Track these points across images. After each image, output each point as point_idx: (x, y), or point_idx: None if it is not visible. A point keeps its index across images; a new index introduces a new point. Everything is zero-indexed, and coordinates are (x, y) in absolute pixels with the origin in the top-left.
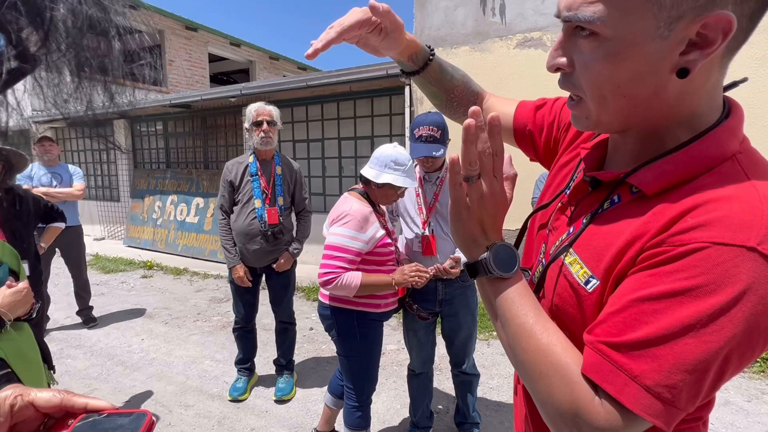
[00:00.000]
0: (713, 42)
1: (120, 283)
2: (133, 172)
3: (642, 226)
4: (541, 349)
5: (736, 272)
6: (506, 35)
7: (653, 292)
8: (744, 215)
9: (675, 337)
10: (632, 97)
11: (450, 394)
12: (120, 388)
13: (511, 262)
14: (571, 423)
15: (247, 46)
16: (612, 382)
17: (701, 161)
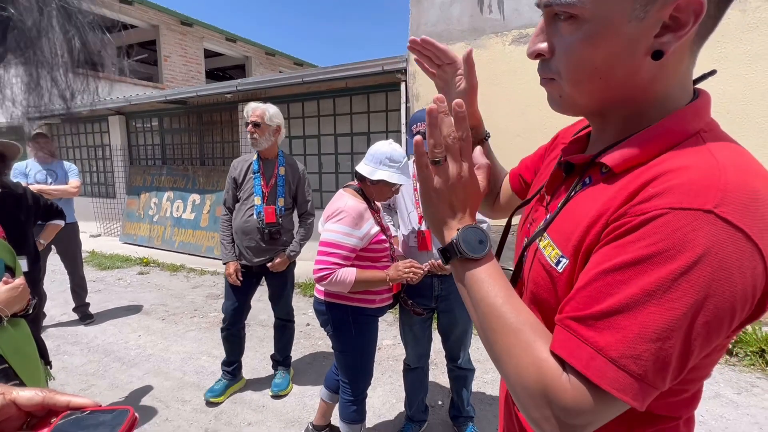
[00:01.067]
0: (686, 24)
1: (116, 279)
2: (129, 168)
3: (608, 201)
4: (509, 329)
5: (694, 236)
6: (502, 31)
7: (616, 263)
8: (702, 181)
9: (638, 306)
10: (608, 78)
11: (445, 388)
12: (117, 384)
13: (481, 244)
14: (540, 403)
15: (243, 41)
16: (578, 357)
17: (665, 137)
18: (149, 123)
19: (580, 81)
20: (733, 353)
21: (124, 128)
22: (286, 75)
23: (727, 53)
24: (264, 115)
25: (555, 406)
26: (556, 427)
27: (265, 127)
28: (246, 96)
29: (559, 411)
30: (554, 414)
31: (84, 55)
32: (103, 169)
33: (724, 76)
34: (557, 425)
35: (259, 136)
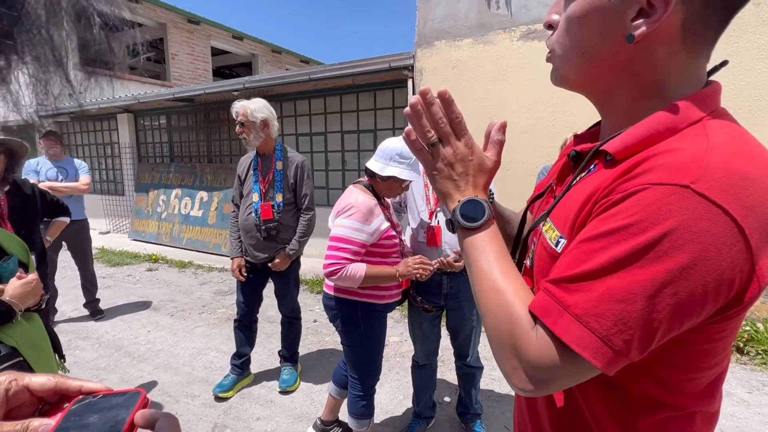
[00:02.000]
0: (658, 11)
1: (126, 276)
2: (138, 166)
3: (601, 182)
4: (493, 289)
5: (668, 209)
6: (510, 27)
7: (594, 233)
8: (686, 160)
9: (608, 272)
10: (589, 56)
11: (453, 384)
12: (127, 379)
13: (477, 215)
14: (510, 355)
15: (249, 39)
16: (549, 315)
17: (665, 124)
18: (157, 121)
19: (567, 54)
20: (744, 352)
21: (133, 126)
22: (293, 72)
23: (741, 47)
24: (247, 113)
25: (521, 357)
26: (524, 379)
27: (251, 125)
28: (253, 93)
29: (524, 363)
30: (521, 365)
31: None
32: (112, 166)
33: (737, 70)
34: (525, 377)
35: (247, 134)
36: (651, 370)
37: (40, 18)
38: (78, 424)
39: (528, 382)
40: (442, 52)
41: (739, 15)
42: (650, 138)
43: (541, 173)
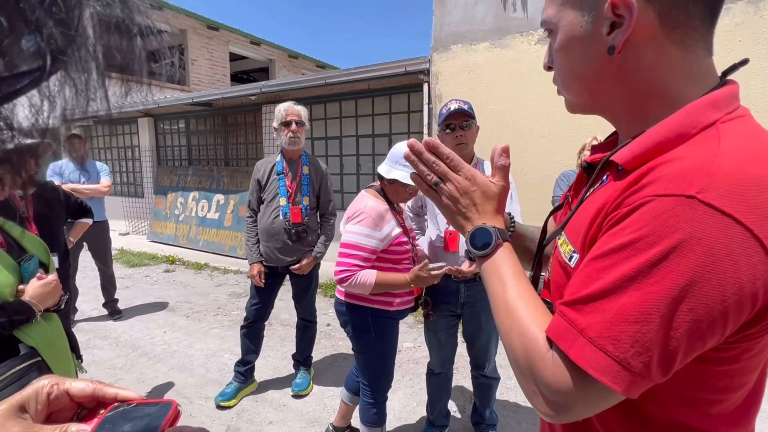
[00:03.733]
0: (627, 16)
1: (144, 276)
2: (157, 169)
3: (611, 195)
4: (507, 312)
5: (675, 221)
6: (527, 30)
7: (604, 250)
8: (692, 168)
9: (619, 290)
10: (583, 77)
11: (468, 392)
12: (143, 379)
13: (485, 242)
14: (528, 379)
15: (266, 44)
16: (564, 338)
17: (675, 130)
18: (176, 125)
19: (565, 83)
20: None
21: (153, 130)
22: (310, 77)
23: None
24: (301, 114)
25: (539, 381)
26: (543, 403)
27: (304, 128)
28: (270, 98)
29: (542, 386)
30: (539, 389)
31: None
32: (132, 169)
33: (765, 74)
34: (544, 401)
35: (300, 134)
36: (676, 392)
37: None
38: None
39: (547, 406)
40: (459, 56)
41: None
42: (660, 146)
43: (560, 179)
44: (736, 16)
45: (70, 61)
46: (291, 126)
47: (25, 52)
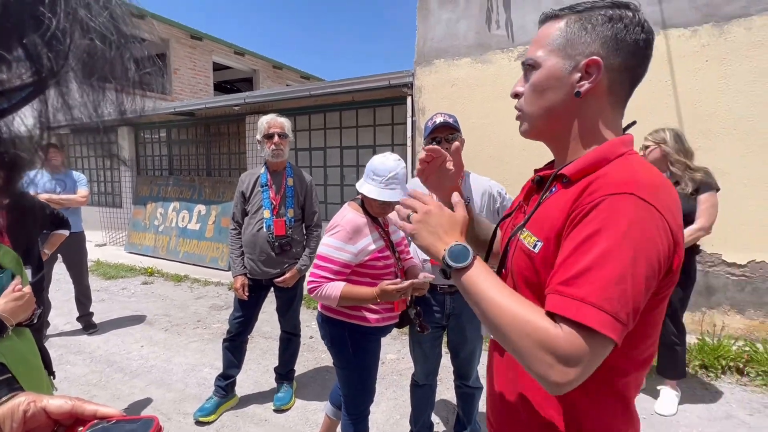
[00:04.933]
0: (594, 74)
1: (121, 289)
2: (136, 178)
3: (568, 200)
4: (502, 309)
5: (625, 210)
6: (508, 47)
7: (580, 239)
8: (625, 178)
9: (600, 264)
10: (553, 110)
11: (450, 404)
12: (119, 395)
13: (464, 255)
14: (543, 356)
15: (251, 55)
16: (568, 309)
17: (602, 155)
18: (157, 134)
19: (533, 110)
20: (744, 373)
21: (133, 139)
22: (294, 88)
23: (734, 70)
24: (284, 126)
25: (556, 353)
26: (562, 371)
27: (287, 140)
28: (254, 108)
29: (559, 357)
30: (557, 360)
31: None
32: (110, 179)
33: (730, 92)
34: (563, 369)
35: (284, 146)
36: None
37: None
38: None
39: (566, 373)
40: (441, 70)
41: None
42: (593, 165)
43: None
44: (703, 38)
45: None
46: (274, 138)
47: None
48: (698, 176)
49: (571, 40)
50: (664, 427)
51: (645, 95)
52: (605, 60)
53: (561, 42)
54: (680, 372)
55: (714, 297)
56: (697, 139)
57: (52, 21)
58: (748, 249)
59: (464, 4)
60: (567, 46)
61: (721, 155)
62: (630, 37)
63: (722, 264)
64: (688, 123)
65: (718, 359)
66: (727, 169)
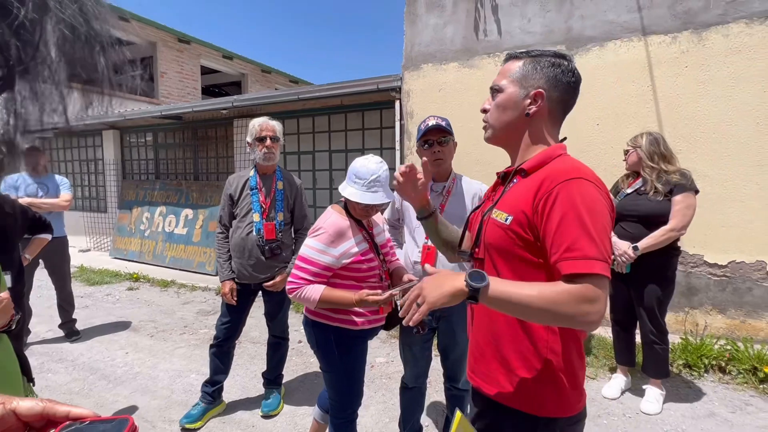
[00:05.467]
0: (538, 101)
1: (105, 295)
2: (122, 182)
3: (529, 189)
4: (539, 297)
5: (578, 189)
6: (494, 52)
7: (556, 221)
8: (566, 169)
9: (582, 231)
10: (510, 124)
11: (440, 406)
12: (102, 403)
13: (479, 274)
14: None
15: (239, 59)
16: (582, 267)
17: (548, 156)
18: (143, 138)
19: (497, 125)
20: (726, 371)
21: (118, 143)
22: (283, 92)
23: (712, 75)
24: (276, 129)
25: (588, 300)
26: (596, 311)
27: (279, 144)
28: (242, 112)
29: (591, 302)
30: (591, 305)
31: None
32: (95, 183)
33: (709, 97)
34: (596, 314)
35: (275, 150)
36: None
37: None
38: None
39: (598, 311)
40: (429, 75)
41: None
42: (542, 162)
43: None
44: (682, 45)
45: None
46: (266, 142)
47: None
48: (673, 178)
49: (526, 76)
50: (649, 426)
51: (625, 100)
52: (547, 92)
53: (519, 76)
54: (664, 371)
55: (696, 297)
56: (678, 142)
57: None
58: (728, 250)
59: (451, 9)
60: (522, 79)
61: (701, 158)
62: (565, 79)
63: (704, 265)
64: (669, 127)
65: (701, 358)
66: (706, 172)
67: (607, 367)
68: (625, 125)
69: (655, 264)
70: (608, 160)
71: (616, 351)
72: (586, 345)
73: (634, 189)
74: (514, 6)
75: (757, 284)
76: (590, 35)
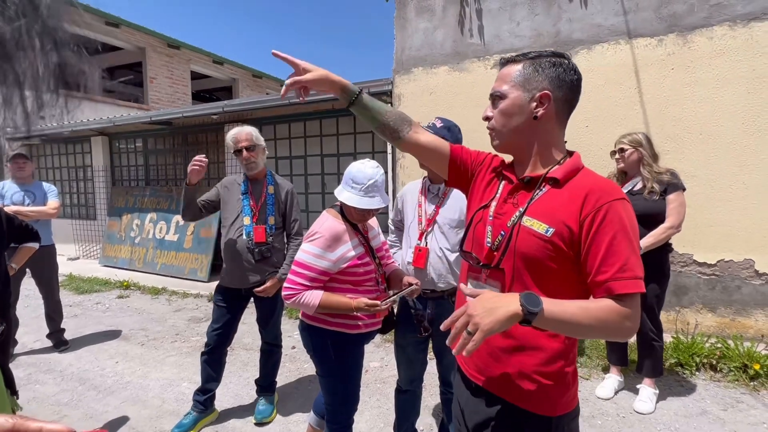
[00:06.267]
0: (546, 103)
1: (95, 304)
2: (111, 189)
3: (570, 198)
4: (585, 316)
5: (623, 209)
6: (484, 56)
7: (607, 241)
8: (611, 189)
9: (630, 253)
10: (517, 129)
11: (435, 410)
12: (92, 414)
13: (533, 297)
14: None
15: (230, 64)
16: (630, 287)
17: (575, 167)
18: (133, 144)
19: (504, 131)
20: (718, 369)
21: (107, 149)
22: (273, 96)
23: (698, 77)
24: (252, 137)
25: (629, 318)
26: (635, 326)
27: (259, 149)
28: (232, 117)
29: (632, 318)
30: (631, 324)
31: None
32: (84, 190)
33: (695, 98)
34: (635, 326)
35: (255, 158)
36: None
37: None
38: None
39: (637, 324)
40: (420, 78)
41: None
42: (572, 171)
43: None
44: (668, 47)
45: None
46: (243, 154)
47: None
48: (665, 177)
49: (528, 78)
50: (642, 425)
51: (613, 102)
52: (553, 93)
53: (521, 79)
54: (659, 370)
55: (687, 296)
56: (665, 143)
57: None
58: (717, 249)
59: (441, 13)
60: (525, 82)
61: (688, 158)
62: (568, 77)
63: (693, 264)
64: (656, 128)
65: (692, 356)
66: (694, 172)
67: (600, 367)
68: (614, 127)
69: (652, 262)
70: (597, 161)
71: (608, 351)
72: (580, 345)
73: (628, 189)
74: (503, 10)
75: (745, 282)
76: (578, 38)
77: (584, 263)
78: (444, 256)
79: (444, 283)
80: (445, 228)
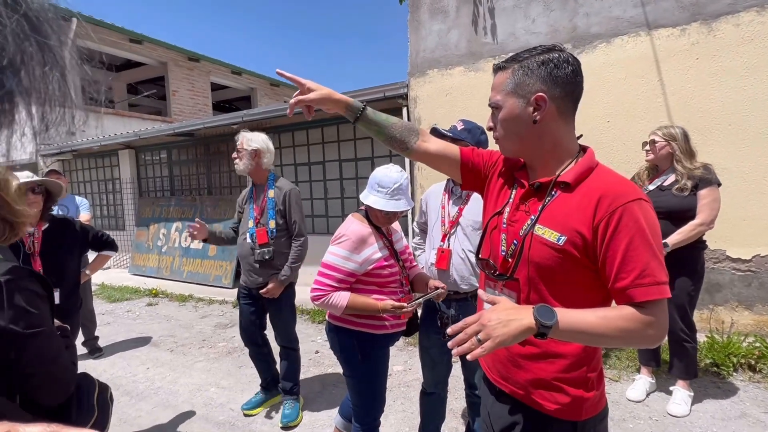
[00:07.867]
0: (543, 106)
1: (125, 311)
2: (138, 200)
3: (582, 203)
4: (606, 326)
5: (641, 211)
6: (499, 54)
7: (625, 245)
8: (626, 190)
9: (652, 257)
10: (519, 135)
11: (461, 414)
12: (125, 419)
13: (548, 310)
14: (649, 332)
15: (248, 74)
16: (653, 293)
17: (587, 167)
18: (158, 156)
19: (507, 138)
20: (757, 369)
21: (134, 161)
22: None
23: (725, 66)
24: (243, 141)
25: (654, 326)
26: (662, 334)
27: (244, 152)
28: (252, 126)
29: (657, 326)
30: (657, 329)
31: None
32: (113, 202)
33: (722, 88)
34: (658, 333)
35: (239, 160)
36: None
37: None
38: None
39: (664, 332)
40: (435, 80)
41: (721, 36)
42: (583, 174)
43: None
44: (692, 36)
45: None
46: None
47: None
48: (697, 173)
49: (519, 84)
50: (677, 429)
51: (635, 96)
52: (548, 93)
53: (512, 86)
54: (692, 371)
55: (720, 294)
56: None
57: None
58: (751, 243)
59: (454, 14)
60: (517, 88)
61: (718, 151)
62: (562, 72)
63: (727, 260)
64: (682, 120)
65: (728, 357)
66: (725, 165)
67: (630, 369)
68: (636, 121)
69: (684, 259)
70: (620, 156)
71: (639, 351)
72: None
73: (656, 185)
74: (518, 7)
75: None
76: (596, 32)
77: (602, 270)
78: (467, 257)
79: (467, 285)
80: (468, 230)
